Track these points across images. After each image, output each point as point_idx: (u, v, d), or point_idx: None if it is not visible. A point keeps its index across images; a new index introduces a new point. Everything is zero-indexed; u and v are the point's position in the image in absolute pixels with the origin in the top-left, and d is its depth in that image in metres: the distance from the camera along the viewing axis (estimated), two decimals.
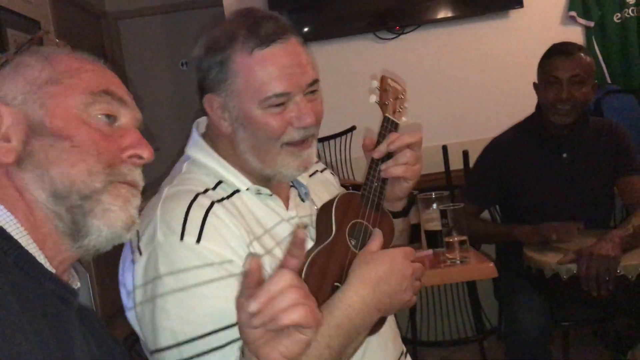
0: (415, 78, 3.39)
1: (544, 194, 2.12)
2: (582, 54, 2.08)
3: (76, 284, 0.83)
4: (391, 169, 1.14)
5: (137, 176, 0.83)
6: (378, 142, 1.16)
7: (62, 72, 0.80)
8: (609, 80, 3.25)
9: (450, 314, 3.17)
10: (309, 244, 1.10)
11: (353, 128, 3.22)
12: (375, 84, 1.21)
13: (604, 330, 2.15)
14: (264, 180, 1.13)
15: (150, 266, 0.98)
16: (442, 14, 3.29)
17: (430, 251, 1.82)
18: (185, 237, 0.97)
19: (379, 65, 3.38)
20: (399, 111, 1.20)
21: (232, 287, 0.93)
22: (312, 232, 1.14)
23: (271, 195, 1.13)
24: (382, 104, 1.19)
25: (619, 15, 3.28)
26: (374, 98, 1.19)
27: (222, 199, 1.06)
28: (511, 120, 2.46)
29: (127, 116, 0.85)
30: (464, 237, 1.71)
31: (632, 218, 1.94)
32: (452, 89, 3.39)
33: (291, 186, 1.20)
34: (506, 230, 2.13)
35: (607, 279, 1.72)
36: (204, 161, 1.11)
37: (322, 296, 1.00)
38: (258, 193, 1.11)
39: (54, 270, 0.77)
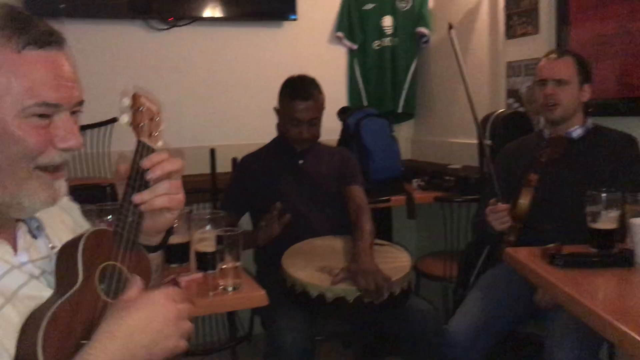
0: (187, 75, 3.27)
1: (285, 195, 2.34)
2: (317, 94, 2.36)
3: None
4: (153, 201, 1.01)
5: None
6: (132, 169, 1.02)
7: None
8: (366, 104, 3.53)
9: (205, 318, 3.14)
10: (47, 293, 0.93)
11: (114, 120, 2.96)
12: (127, 102, 1.05)
13: (352, 342, 2.32)
14: None
15: None
16: (217, 12, 3.21)
17: (200, 274, 1.74)
18: None
19: (148, 56, 3.18)
20: (155, 135, 1.07)
21: None
22: (50, 280, 0.96)
23: None
24: (135, 126, 1.05)
25: (378, 42, 3.58)
26: (125, 118, 1.05)
27: None
28: None
29: None
30: (238, 264, 1.67)
31: (363, 226, 2.19)
32: (223, 90, 3.35)
33: (18, 220, 0.98)
34: (249, 234, 2.29)
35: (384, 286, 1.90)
36: None
37: (66, 358, 0.85)
38: None
39: None
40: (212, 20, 3.24)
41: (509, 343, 2.15)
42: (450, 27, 2.19)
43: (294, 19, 3.36)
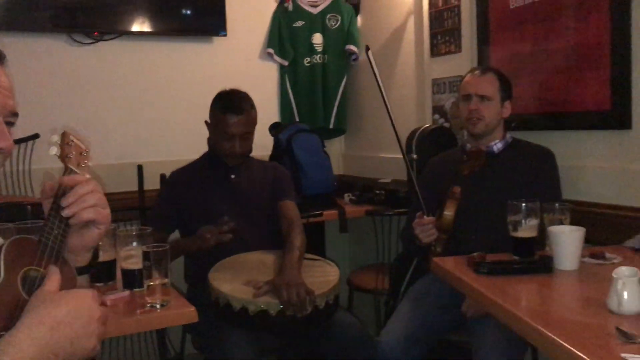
0: (113, 90, 3.20)
1: (217, 210, 2.30)
2: (250, 108, 2.33)
3: None
4: (81, 212, 1.05)
5: None
6: (59, 188, 1.08)
7: None
8: (297, 119, 3.55)
9: (134, 339, 3.04)
10: None
11: (36, 136, 2.85)
12: (56, 138, 1.13)
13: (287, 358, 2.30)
14: None
15: None
16: (145, 27, 3.16)
17: (127, 292, 1.69)
18: None
19: (72, 71, 3.10)
20: (82, 166, 1.14)
21: None
22: None
23: None
24: (64, 157, 1.13)
25: (309, 59, 3.62)
26: (54, 150, 1.12)
27: None
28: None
29: None
30: (166, 280, 1.63)
31: (292, 240, 2.18)
32: (151, 106, 3.29)
33: None
34: (175, 245, 2.26)
35: (307, 300, 1.87)
36: None
37: None
38: None
39: None
40: (140, 34, 3.19)
41: (439, 352, 2.20)
42: (367, 49, 2.24)
43: (224, 35, 3.35)
